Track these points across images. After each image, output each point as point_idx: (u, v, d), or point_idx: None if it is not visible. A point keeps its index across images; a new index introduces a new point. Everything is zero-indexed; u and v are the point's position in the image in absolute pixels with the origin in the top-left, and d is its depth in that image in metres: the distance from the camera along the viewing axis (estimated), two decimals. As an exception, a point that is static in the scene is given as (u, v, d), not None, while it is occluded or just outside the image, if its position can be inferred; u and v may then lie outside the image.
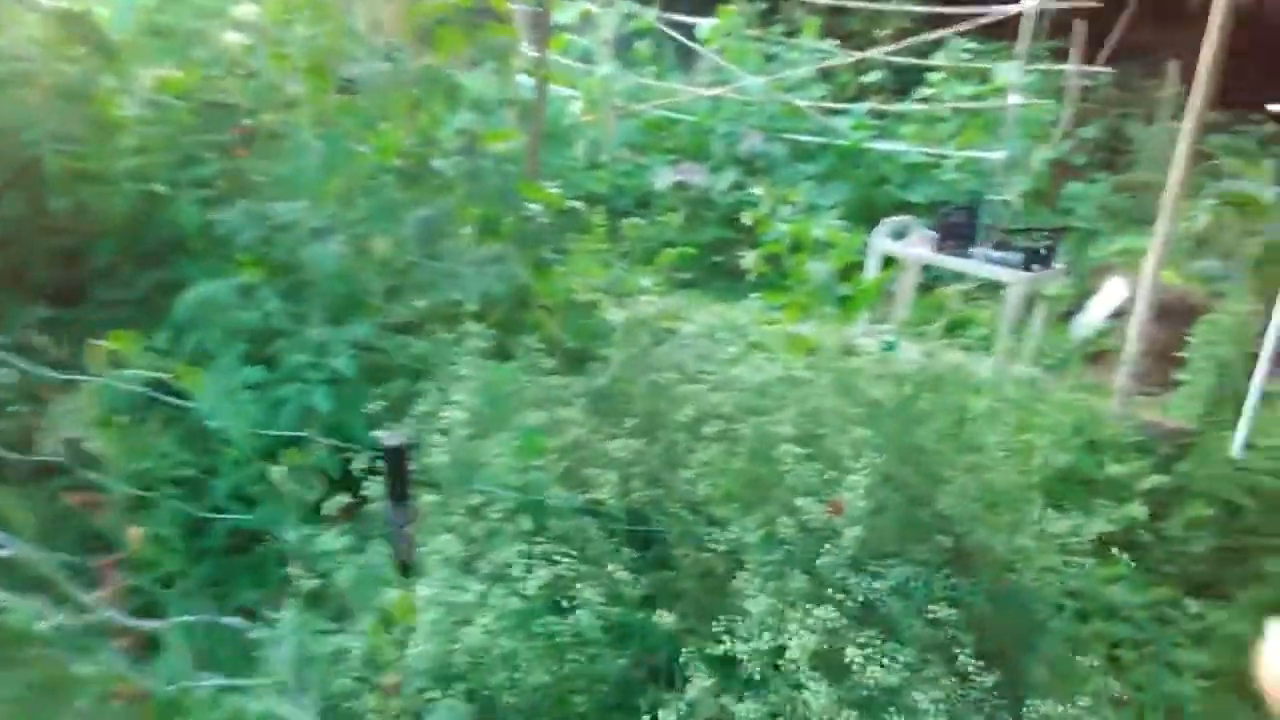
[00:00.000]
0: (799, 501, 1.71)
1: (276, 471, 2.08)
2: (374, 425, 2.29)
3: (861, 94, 7.64)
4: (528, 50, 4.19)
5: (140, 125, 2.92)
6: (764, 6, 8.22)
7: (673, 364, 2.36)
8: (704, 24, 7.30)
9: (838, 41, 7.93)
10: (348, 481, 2.09)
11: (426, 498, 1.82)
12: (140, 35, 3.05)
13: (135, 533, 2.12)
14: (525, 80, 3.90)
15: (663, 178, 6.46)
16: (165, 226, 2.91)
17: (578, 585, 1.69)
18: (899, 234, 4.75)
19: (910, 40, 7.02)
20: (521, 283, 2.56)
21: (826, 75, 7.69)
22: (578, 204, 3.45)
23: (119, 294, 2.95)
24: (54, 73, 2.88)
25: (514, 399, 2.02)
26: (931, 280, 5.15)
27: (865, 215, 5.90)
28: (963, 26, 6.57)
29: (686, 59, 7.80)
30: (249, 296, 2.31)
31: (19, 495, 2.48)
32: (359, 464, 1.98)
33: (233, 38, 2.99)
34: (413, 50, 3.28)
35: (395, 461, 1.70)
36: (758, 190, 4.60)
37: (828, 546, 1.65)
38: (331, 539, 1.94)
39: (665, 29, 7.44)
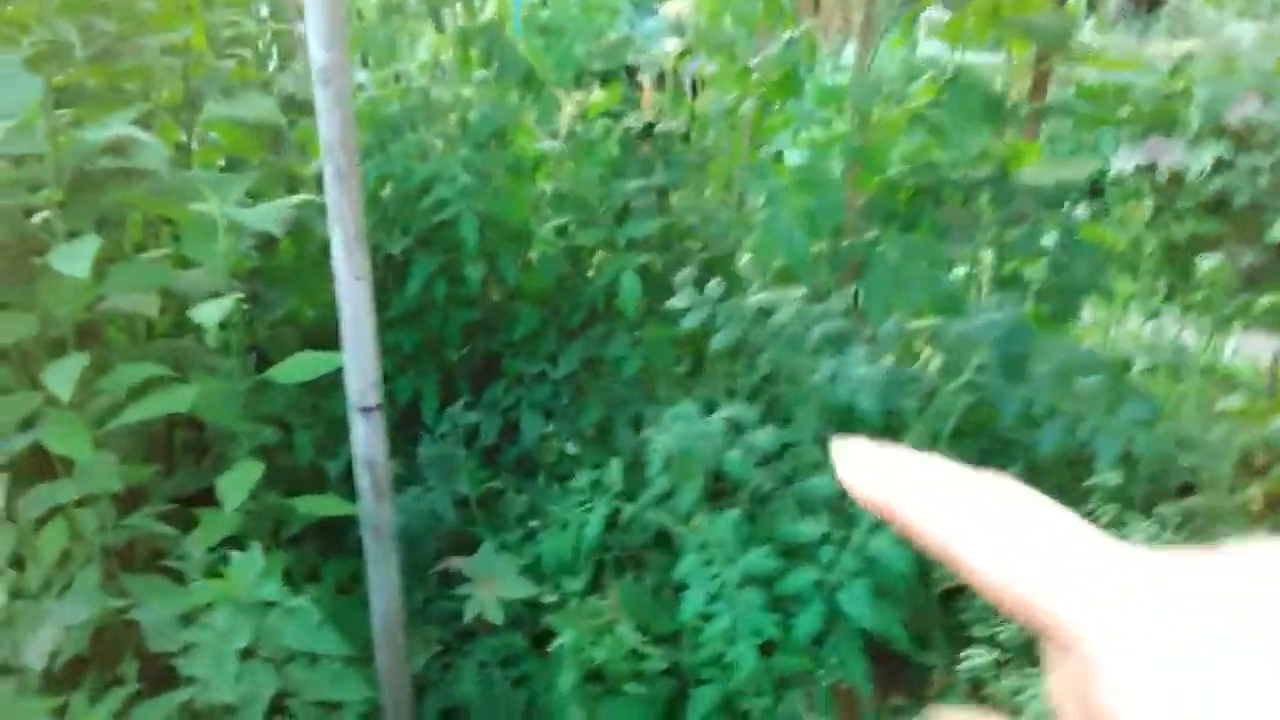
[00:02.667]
0: None
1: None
2: (926, 643, 1.52)
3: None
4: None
5: (561, 166, 2.33)
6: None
7: None
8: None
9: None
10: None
11: None
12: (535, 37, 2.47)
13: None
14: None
15: (1123, 159, 5.16)
16: (593, 293, 2.31)
17: None
18: None
19: None
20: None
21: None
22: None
23: (537, 370, 2.40)
24: (463, 105, 2.37)
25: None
26: None
27: None
28: None
29: (1140, 6, 6.33)
30: (732, 428, 1.59)
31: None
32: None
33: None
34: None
35: None
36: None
37: None
38: None
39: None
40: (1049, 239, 2.05)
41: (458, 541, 2.15)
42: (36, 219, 1.86)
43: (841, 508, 1.58)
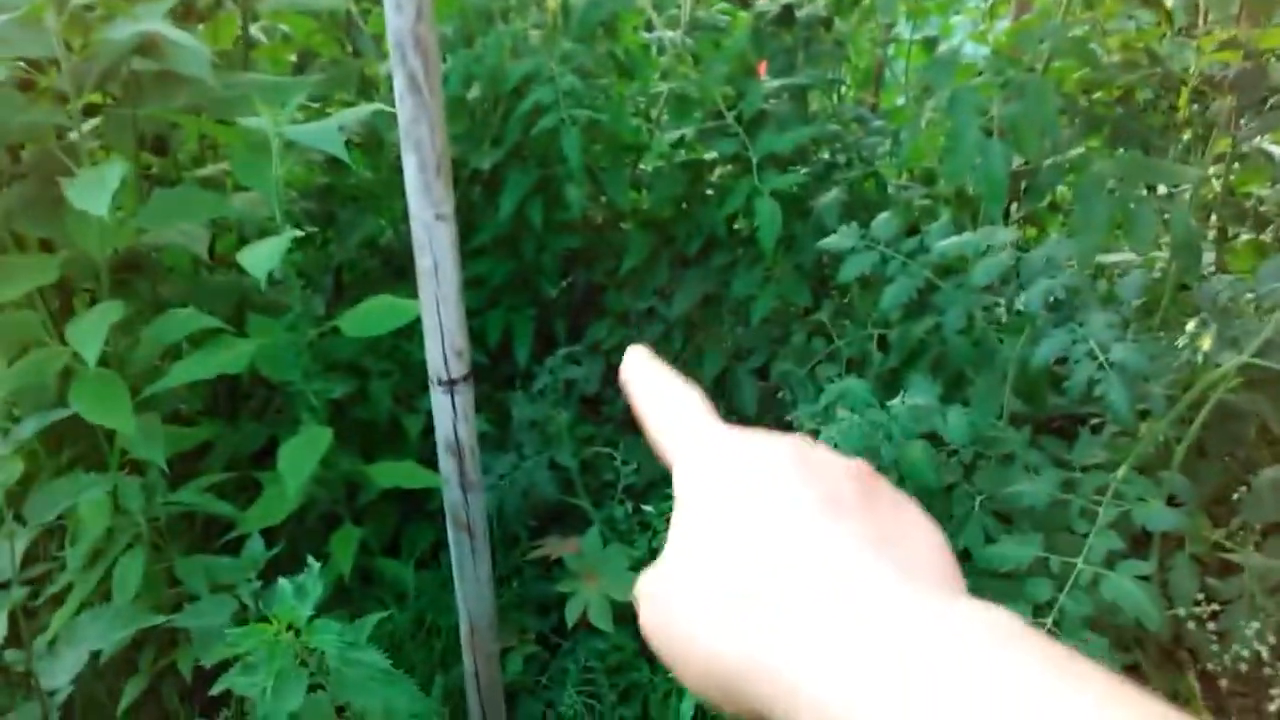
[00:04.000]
0: None
1: None
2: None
3: None
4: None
5: (680, 63, 1.93)
6: None
7: None
8: None
9: None
10: None
11: None
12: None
13: None
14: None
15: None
16: (714, 216, 1.94)
17: None
18: None
19: None
20: None
21: None
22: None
23: (647, 307, 2.06)
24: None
25: None
26: None
27: None
28: None
29: None
30: (912, 415, 1.23)
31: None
32: None
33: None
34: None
35: None
36: None
37: None
38: None
39: None
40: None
41: (555, 512, 1.86)
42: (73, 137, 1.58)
43: (1054, 522, 1.22)
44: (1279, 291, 1.10)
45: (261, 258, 1.27)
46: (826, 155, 2.01)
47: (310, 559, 1.13)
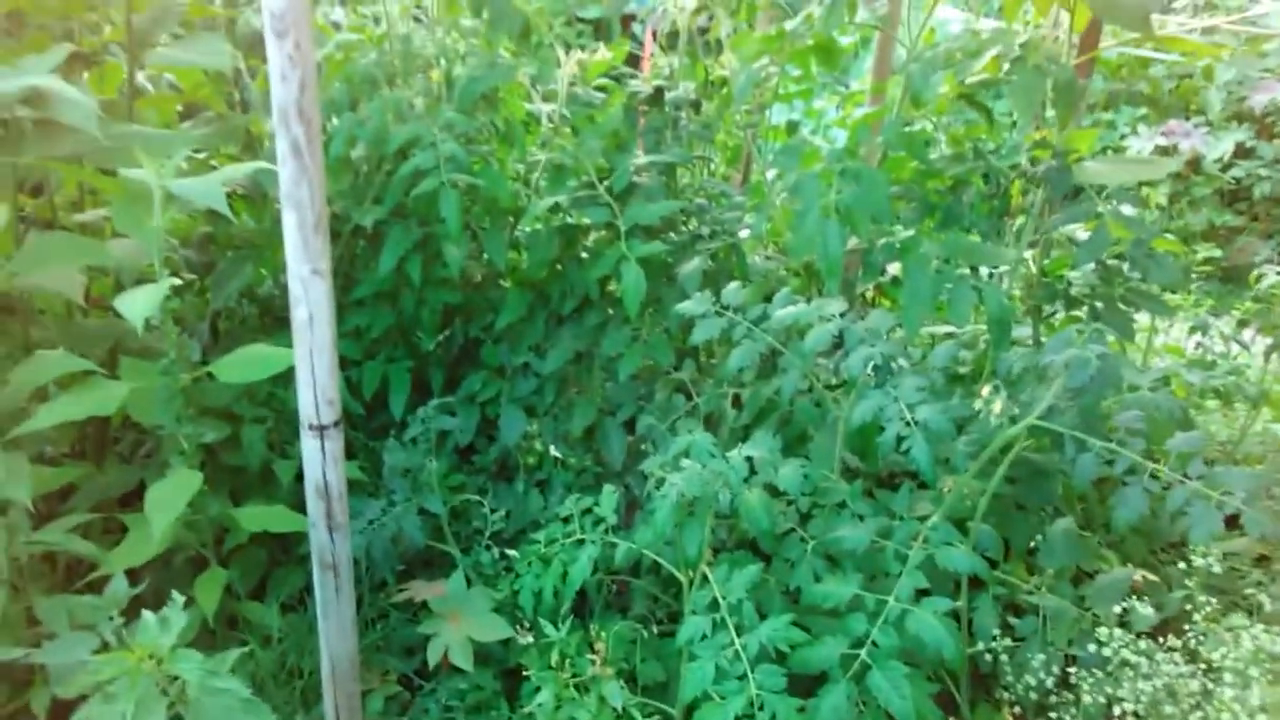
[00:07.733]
0: None
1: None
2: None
3: None
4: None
5: (558, 134, 2.06)
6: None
7: None
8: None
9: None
10: None
11: None
12: None
13: None
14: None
15: (1143, 141, 4.92)
16: (588, 278, 2.05)
17: None
18: None
19: None
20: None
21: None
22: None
23: (521, 362, 2.14)
24: (449, 57, 2.08)
25: None
26: None
27: None
28: None
29: (1164, -21, 6.02)
30: (750, 464, 1.35)
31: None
32: None
33: None
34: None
35: None
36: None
37: None
38: None
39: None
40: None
41: (425, 556, 1.92)
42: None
43: (874, 564, 1.35)
44: (1075, 361, 1.26)
45: (139, 304, 1.31)
46: (693, 226, 2.16)
47: (174, 594, 1.17)
